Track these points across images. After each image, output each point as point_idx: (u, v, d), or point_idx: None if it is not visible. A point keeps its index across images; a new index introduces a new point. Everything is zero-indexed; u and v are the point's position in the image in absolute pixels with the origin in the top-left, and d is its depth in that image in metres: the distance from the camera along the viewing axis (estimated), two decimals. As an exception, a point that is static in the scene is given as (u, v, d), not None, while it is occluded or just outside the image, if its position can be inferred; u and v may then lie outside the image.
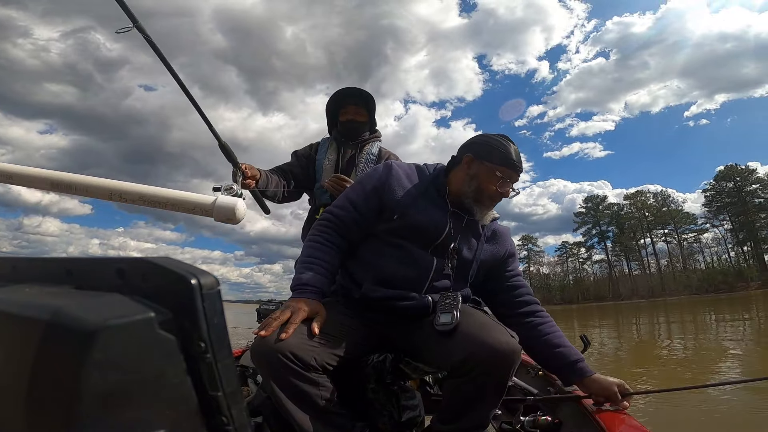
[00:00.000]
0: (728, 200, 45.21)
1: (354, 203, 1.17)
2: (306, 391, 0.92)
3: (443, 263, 1.15)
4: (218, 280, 0.30)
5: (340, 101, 1.85)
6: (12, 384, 0.24)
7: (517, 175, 1.17)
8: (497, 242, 1.26)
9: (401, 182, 1.17)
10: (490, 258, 1.24)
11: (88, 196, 0.59)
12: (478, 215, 1.19)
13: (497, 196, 1.16)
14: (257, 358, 0.94)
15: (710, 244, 47.62)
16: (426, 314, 1.10)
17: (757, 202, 43.44)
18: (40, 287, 0.30)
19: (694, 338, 9.32)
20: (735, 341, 8.29)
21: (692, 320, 14.38)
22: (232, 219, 0.57)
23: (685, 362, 6.42)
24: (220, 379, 0.27)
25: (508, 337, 0.95)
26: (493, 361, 0.92)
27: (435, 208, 1.16)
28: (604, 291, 48.64)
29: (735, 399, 3.73)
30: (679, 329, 12.04)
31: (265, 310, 2.33)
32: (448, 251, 1.15)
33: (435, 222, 1.15)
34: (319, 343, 0.97)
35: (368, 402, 1.14)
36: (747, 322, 12.11)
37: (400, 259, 1.14)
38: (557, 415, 1.32)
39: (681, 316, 17.03)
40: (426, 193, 1.18)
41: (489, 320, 1.03)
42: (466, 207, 1.19)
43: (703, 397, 3.70)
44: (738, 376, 5.01)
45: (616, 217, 50.49)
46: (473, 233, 1.21)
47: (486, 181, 1.14)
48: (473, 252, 1.20)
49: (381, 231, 1.17)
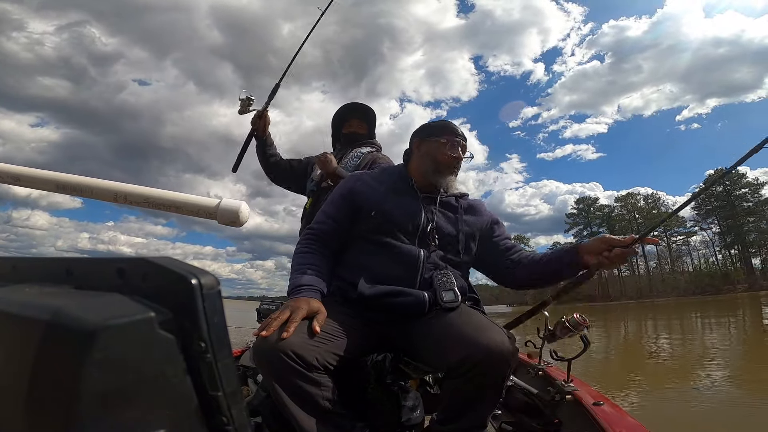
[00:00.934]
0: (717, 204, 45.84)
1: (329, 215, 1.25)
2: (308, 390, 0.92)
3: (430, 252, 1.18)
4: (218, 280, 0.30)
5: (345, 115, 2.01)
6: (12, 384, 0.24)
7: (460, 138, 1.26)
8: (476, 213, 1.31)
9: (368, 184, 1.25)
10: (475, 229, 1.28)
11: (92, 197, 0.59)
12: (444, 184, 1.25)
13: (451, 160, 1.25)
14: (258, 358, 0.93)
15: (698, 247, 48.48)
16: (423, 311, 1.10)
17: (745, 206, 44.05)
18: (40, 287, 0.30)
19: (681, 341, 9.48)
20: (720, 342, 8.46)
21: (679, 323, 14.65)
22: (235, 222, 0.57)
23: (671, 362, 6.55)
24: (220, 379, 0.27)
25: (503, 338, 0.95)
26: (489, 362, 0.92)
27: (407, 198, 1.23)
28: (594, 292, 49.16)
29: (724, 397, 3.84)
30: (665, 329, 12.27)
31: (266, 309, 2.33)
32: (428, 234, 1.19)
33: (410, 211, 1.20)
34: (321, 343, 0.96)
35: (368, 402, 1.14)
36: (732, 325, 12.37)
37: (389, 256, 1.16)
38: (557, 415, 1.33)
39: (668, 317, 17.34)
40: (395, 188, 1.25)
41: (485, 320, 1.04)
42: (432, 184, 1.25)
43: (696, 394, 3.81)
44: (719, 373, 5.15)
45: (607, 218, 51.13)
46: (450, 210, 1.26)
47: (436, 151, 1.25)
48: (455, 226, 1.24)
49: (365, 232, 1.20)
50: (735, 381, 4.57)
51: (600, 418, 1.14)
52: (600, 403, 1.23)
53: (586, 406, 1.23)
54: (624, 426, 1.10)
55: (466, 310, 1.10)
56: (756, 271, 41.99)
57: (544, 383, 1.52)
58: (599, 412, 1.17)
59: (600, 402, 1.24)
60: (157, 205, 0.57)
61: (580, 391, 1.35)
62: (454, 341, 0.97)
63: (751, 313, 15.80)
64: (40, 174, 0.62)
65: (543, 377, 1.55)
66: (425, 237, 1.19)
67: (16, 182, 0.61)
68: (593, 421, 1.15)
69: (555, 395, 1.39)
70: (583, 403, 1.25)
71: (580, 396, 1.32)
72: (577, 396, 1.33)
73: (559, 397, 1.38)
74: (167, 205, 0.58)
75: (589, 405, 1.22)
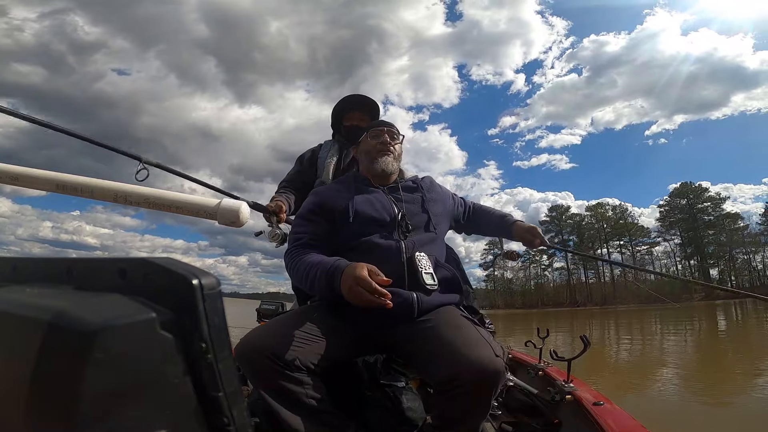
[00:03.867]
0: (680, 216, 48.17)
1: (305, 231, 1.24)
2: (291, 390, 0.92)
3: (406, 239, 1.19)
4: (219, 281, 0.30)
5: (347, 107, 1.96)
6: (14, 384, 0.24)
7: (382, 127, 1.39)
8: (435, 191, 1.41)
9: (332, 192, 1.30)
10: (441, 206, 1.36)
11: (92, 198, 0.58)
12: (385, 166, 1.33)
13: (378, 144, 1.35)
14: (240, 359, 0.94)
15: (660, 257, 50.59)
16: (411, 314, 1.09)
17: (706, 220, 46.59)
18: (41, 287, 0.30)
19: (639, 342, 9.95)
20: (676, 346, 8.96)
21: (640, 327, 15.35)
22: (235, 222, 0.57)
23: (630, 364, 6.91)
24: (221, 380, 0.27)
25: (492, 356, 0.94)
26: (476, 380, 0.91)
27: (372, 194, 1.28)
28: (562, 297, 50.72)
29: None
30: (626, 332, 12.83)
31: (266, 309, 2.30)
32: (396, 221, 1.22)
33: (381, 204, 1.25)
34: (304, 344, 0.97)
35: (365, 402, 1.14)
36: (689, 331, 13.10)
37: (373, 255, 1.14)
38: (557, 415, 1.33)
39: (629, 322, 18.14)
40: (357, 189, 1.30)
41: (474, 334, 1.01)
42: (380, 175, 1.33)
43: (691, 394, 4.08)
44: (673, 372, 5.49)
45: (578, 226, 52.86)
46: (413, 192, 1.34)
47: (365, 145, 1.38)
48: (422, 206, 1.30)
49: (346, 237, 1.20)
50: (689, 380, 4.88)
51: (600, 418, 1.13)
52: (600, 403, 1.22)
53: (586, 406, 1.22)
54: (624, 426, 1.09)
55: (456, 321, 1.08)
56: (713, 281, 44.43)
57: (544, 383, 1.52)
58: (599, 412, 1.17)
59: (600, 402, 1.24)
60: (157, 206, 0.56)
61: (580, 391, 1.35)
62: (442, 357, 0.96)
63: (707, 321, 16.76)
64: (40, 174, 0.61)
65: (543, 377, 1.55)
66: (399, 226, 1.21)
67: (14, 182, 0.59)
68: (593, 421, 1.15)
69: (555, 395, 1.39)
70: (583, 403, 1.25)
71: (580, 396, 1.32)
72: (577, 396, 1.33)
73: (559, 397, 1.38)
74: (167, 205, 0.57)
75: (589, 405, 1.22)
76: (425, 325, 1.07)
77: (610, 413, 1.16)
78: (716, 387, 4.98)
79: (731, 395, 4.63)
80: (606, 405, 1.21)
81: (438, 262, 1.20)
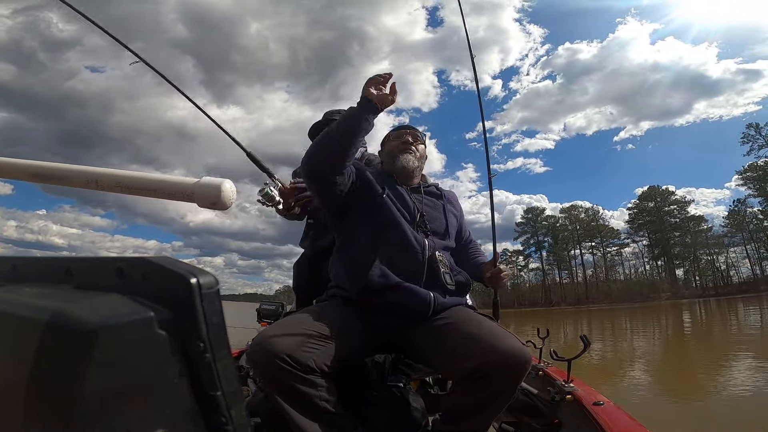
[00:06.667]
0: (648, 218, 50.13)
1: None
2: (305, 392, 0.92)
3: (433, 242, 1.22)
4: (217, 280, 0.30)
5: (336, 110, 1.97)
6: (12, 384, 0.23)
7: (404, 129, 1.43)
8: (455, 205, 1.44)
9: (369, 172, 1.33)
10: (456, 221, 1.40)
11: (71, 185, 0.54)
12: (406, 163, 1.37)
13: (401, 144, 1.39)
14: (253, 362, 0.93)
15: (629, 258, 52.46)
16: (426, 313, 1.10)
17: (672, 222, 48.58)
18: (39, 287, 0.30)
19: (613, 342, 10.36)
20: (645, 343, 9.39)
21: (611, 326, 15.97)
22: (216, 203, 0.48)
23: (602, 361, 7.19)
24: (219, 379, 0.27)
25: (520, 345, 0.96)
26: (506, 368, 0.93)
27: (396, 190, 1.31)
28: (537, 297, 51.95)
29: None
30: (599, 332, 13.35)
31: (266, 310, 2.26)
32: (416, 220, 1.25)
33: (404, 200, 1.28)
34: (319, 346, 0.96)
35: (370, 403, 1.14)
36: (657, 330, 13.76)
37: (401, 245, 1.17)
38: (557, 415, 1.33)
39: (601, 321, 18.83)
40: (383, 182, 1.32)
41: (497, 327, 1.04)
42: (403, 174, 1.36)
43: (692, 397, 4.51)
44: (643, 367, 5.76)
45: (552, 228, 54.27)
46: (435, 197, 1.38)
47: (388, 146, 1.43)
48: (441, 213, 1.34)
49: (376, 220, 1.22)
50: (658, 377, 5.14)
51: (600, 418, 1.13)
52: (600, 403, 1.22)
53: (586, 406, 1.23)
54: (624, 426, 1.09)
55: (476, 317, 1.10)
56: (679, 281, 46.52)
57: (544, 383, 1.52)
58: (599, 412, 1.17)
59: (600, 402, 1.24)
60: (131, 190, 0.51)
61: (580, 391, 1.35)
62: (470, 349, 0.97)
63: (674, 320, 17.61)
64: (14, 163, 0.56)
65: (543, 377, 1.56)
66: (419, 225, 1.25)
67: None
68: (593, 421, 1.15)
69: (555, 395, 1.39)
70: (583, 403, 1.25)
71: (580, 396, 1.31)
72: (577, 396, 1.33)
73: (559, 397, 1.38)
74: (140, 188, 0.52)
75: (589, 405, 1.22)
76: (442, 322, 1.09)
77: (610, 413, 1.16)
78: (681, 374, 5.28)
79: (694, 384, 4.95)
80: (606, 405, 1.21)
81: (453, 265, 1.25)
